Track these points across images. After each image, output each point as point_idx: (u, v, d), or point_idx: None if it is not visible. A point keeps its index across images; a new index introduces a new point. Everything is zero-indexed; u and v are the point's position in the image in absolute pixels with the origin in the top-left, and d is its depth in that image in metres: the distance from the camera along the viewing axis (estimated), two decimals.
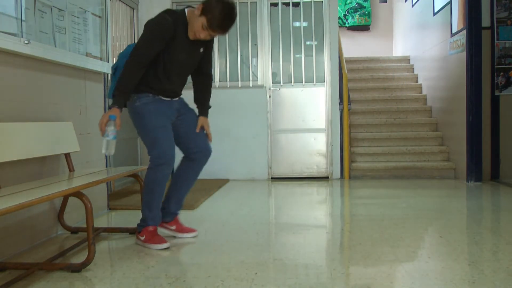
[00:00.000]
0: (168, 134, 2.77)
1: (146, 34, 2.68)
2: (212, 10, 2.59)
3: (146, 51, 2.64)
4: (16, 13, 2.65)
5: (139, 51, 2.65)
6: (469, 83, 5.14)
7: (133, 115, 2.78)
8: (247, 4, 5.85)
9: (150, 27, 2.68)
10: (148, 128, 2.73)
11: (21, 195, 2.16)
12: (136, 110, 2.74)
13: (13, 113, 2.68)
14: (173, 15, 2.69)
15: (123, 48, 2.98)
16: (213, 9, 2.59)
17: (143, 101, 2.73)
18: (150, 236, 2.78)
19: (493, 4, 5.27)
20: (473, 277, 2.18)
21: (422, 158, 5.96)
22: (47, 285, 2.17)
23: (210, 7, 2.60)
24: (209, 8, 2.60)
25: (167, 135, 2.76)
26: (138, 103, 2.73)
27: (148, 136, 2.74)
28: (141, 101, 2.73)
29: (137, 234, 2.85)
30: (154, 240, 2.77)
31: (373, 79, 7.48)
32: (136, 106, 2.73)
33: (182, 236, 2.98)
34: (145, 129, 2.75)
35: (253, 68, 5.88)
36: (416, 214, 3.63)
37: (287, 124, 5.82)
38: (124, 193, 4.77)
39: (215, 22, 2.61)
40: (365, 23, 9.93)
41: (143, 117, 2.73)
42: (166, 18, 2.66)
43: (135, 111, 2.75)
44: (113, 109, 2.57)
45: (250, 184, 5.51)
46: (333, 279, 2.19)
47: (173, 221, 2.99)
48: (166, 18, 2.66)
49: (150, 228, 2.80)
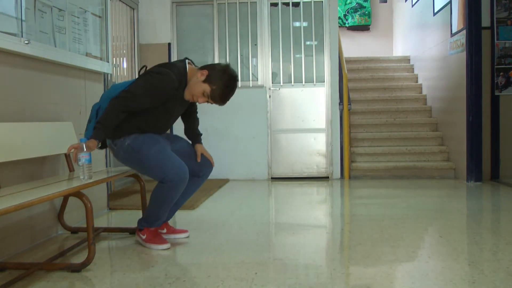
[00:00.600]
0: (171, 154, 2.67)
1: (147, 87, 2.58)
2: (217, 81, 2.60)
3: (140, 103, 2.58)
4: (16, 13, 2.65)
5: (134, 99, 2.56)
6: (469, 83, 5.14)
7: (128, 155, 2.68)
8: (247, 4, 5.85)
9: (155, 83, 2.58)
10: (150, 157, 2.62)
11: (21, 195, 2.16)
12: (129, 149, 2.65)
13: (13, 113, 2.68)
14: (178, 75, 2.63)
15: (123, 48, 2.98)
16: (218, 81, 2.60)
17: (132, 137, 2.66)
18: (152, 236, 2.78)
19: (493, 4, 5.27)
20: (473, 277, 2.18)
21: (422, 158, 5.95)
22: (47, 285, 2.17)
23: (216, 78, 2.61)
24: (214, 79, 2.61)
25: (171, 154, 2.66)
26: (128, 141, 2.66)
27: (152, 165, 2.61)
28: (131, 138, 2.66)
29: (137, 231, 2.84)
30: (155, 240, 2.77)
31: (373, 79, 7.48)
32: (128, 145, 2.65)
33: (175, 237, 2.97)
34: (147, 160, 2.63)
35: (253, 68, 5.88)
36: (416, 214, 3.63)
37: (287, 124, 5.82)
38: (124, 193, 4.77)
39: (218, 95, 2.63)
40: (365, 23, 9.93)
41: (140, 149, 2.63)
42: (173, 80, 2.59)
43: (128, 149, 2.66)
44: (91, 140, 2.48)
45: (250, 184, 5.51)
46: (333, 279, 2.19)
47: (163, 225, 2.97)
48: (173, 79, 2.59)
49: (151, 228, 2.80)
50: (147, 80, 2.60)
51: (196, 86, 2.64)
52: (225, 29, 5.87)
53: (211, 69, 2.65)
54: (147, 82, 2.59)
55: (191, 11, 5.93)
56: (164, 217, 2.82)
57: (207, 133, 5.85)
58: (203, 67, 2.70)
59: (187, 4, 5.90)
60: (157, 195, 2.69)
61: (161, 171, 2.60)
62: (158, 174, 2.62)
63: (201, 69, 2.69)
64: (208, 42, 5.90)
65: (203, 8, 5.91)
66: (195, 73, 2.67)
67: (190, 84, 2.67)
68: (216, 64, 2.72)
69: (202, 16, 5.92)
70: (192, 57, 2.87)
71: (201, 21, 5.92)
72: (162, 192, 2.66)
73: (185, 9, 5.92)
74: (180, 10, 5.92)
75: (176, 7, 5.90)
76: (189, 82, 2.68)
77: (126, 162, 2.75)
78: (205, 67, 2.69)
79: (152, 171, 2.64)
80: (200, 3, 5.89)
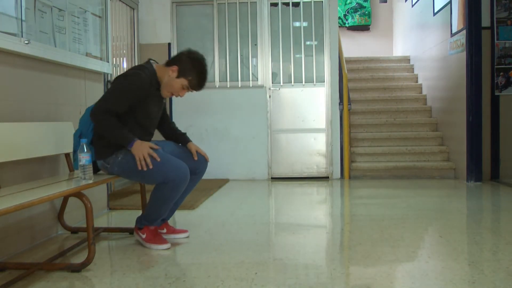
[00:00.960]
0: (168, 156, 2.66)
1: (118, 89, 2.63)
2: (191, 72, 2.70)
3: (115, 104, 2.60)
4: (16, 13, 2.65)
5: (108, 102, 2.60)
6: (469, 83, 5.14)
7: (123, 169, 2.67)
8: (247, 4, 5.85)
9: (125, 83, 2.64)
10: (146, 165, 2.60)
11: (21, 195, 2.16)
12: (123, 162, 2.65)
13: (13, 113, 2.68)
14: (148, 74, 2.68)
15: (123, 48, 3.01)
16: (191, 72, 2.70)
17: (123, 151, 2.65)
18: (152, 236, 2.78)
19: (493, 4, 5.27)
20: (473, 277, 2.18)
21: (422, 158, 5.95)
22: (47, 285, 2.17)
23: (188, 70, 2.69)
24: (187, 71, 2.69)
25: (167, 156, 2.65)
26: (120, 155, 2.66)
27: (152, 171, 2.58)
28: (122, 152, 2.66)
29: (136, 230, 2.84)
30: (155, 240, 2.76)
31: (373, 79, 7.48)
32: (122, 158, 2.66)
33: (175, 237, 2.97)
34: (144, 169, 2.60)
35: (253, 68, 5.88)
36: (416, 214, 3.63)
37: (287, 124, 5.82)
38: (124, 193, 4.77)
39: (196, 83, 2.74)
40: (365, 23, 9.93)
41: (134, 159, 2.59)
42: (143, 78, 2.64)
43: (122, 163, 2.66)
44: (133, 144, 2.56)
45: (250, 184, 5.51)
46: (333, 279, 2.19)
47: (163, 224, 2.96)
48: (143, 77, 2.64)
49: (151, 227, 2.79)
50: (118, 83, 2.67)
51: (173, 83, 2.71)
52: (225, 29, 5.87)
53: (179, 63, 2.71)
54: (117, 85, 2.66)
55: (191, 11, 5.93)
56: (164, 214, 2.82)
57: (207, 133, 5.86)
58: (169, 62, 2.75)
59: (187, 4, 5.90)
60: (158, 195, 2.68)
61: (161, 175, 2.60)
62: (159, 178, 2.61)
63: (168, 65, 2.74)
64: (208, 42, 5.90)
65: (203, 8, 5.91)
66: (165, 70, 2.73)
67: (164, 82, 2.73)
68: (180, 55, 2.76)
69: (202, 16, 5.92)
70: None
71: (201, 21, 5.93)
72: (163, 192, 2.66)
73: (185, 9, 5.92)
74: (180, 10, 5.92)
75: (176, 7, 5.90)
76: (162, 81, 2.73)
77: (123, 175, 2.75)
78: (172, 62, 2.74)
79: (153, 177, 2.63)
80: (200, 3, 5.89)
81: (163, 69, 2.75)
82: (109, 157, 2.69)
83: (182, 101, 5.79)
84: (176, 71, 2.69)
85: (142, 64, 2.79)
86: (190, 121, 5.82)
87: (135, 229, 2.86)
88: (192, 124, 5.82)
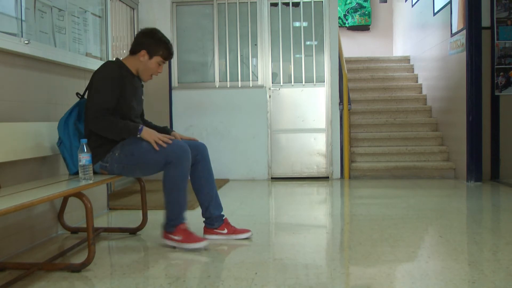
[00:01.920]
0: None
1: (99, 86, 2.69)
2: (158, 47, 2.80)
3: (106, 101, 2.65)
4: (16, 13, 2.65)
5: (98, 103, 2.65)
6: (469, 83, 5.14)
7: (123, 164, 2.68)
8: (247, 4, 5.85)
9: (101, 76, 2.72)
10: (145, 152, 2.62)
11: (21, 195, 2.16)
12: (121, 157, 2.67)
13: (13, 113, 2.68)
14: (115, 65, 2.79)
15: (123, 48, 3.03)
16: (158, 47, 2.80)
17: (119, 146, 2.68)
18: (187, 235, 2.68)
19: (493, 4, 5.27)
20: (473, 277, 2.18)
21: (422, 158, 5.95)
22: (47, 285, 2.17)
23: (155, 46, 2.80)
24: (155, 48, 2.80)
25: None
26: (117, 152, 2.68)
27: (149, 158, 2.62)
28: (117, 148, 2.68)
29: (167, 235, 2.73)
30: (191, 239, 2.68)
31: (373, 79, 7.48)
32: (119, 154, 2.67)
33: (237, 237, 2.89)
34: (143, 157, 2.63)
35: (253, 68, 5.89)
36: (416, 214, 3.63)
37: (287, 124, 5.82)
38: (124, 193, 4.77)
39: (168, 53, 2.84)
40: (365, 23, 9.93)
41: (132, 152, 2.64)
42: (113, 67, 2.75)
43: (120, 159, 2.67)
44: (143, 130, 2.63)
45: (250, 184, 5.51)
46: (333, 279, 2.19)
47: (223, 224, 2.91)
48: (112, 66, 2.76)
49: (183, 226, 2.70)
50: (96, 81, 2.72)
51: (149, 64, 2.81)
52: (225, 29, 5.87)
53: (143, 46, 2.78)
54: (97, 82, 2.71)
55: (191, 11, 5.93)
56: (185, 205, 2.72)
57: (207, 133, 5.86)
58: (133, 51, 2.82)
59: (187, 4, 5.90)
60: (168, 182, 2.65)
61: (160, 157, 2.60)
62: (159, 162, 2.62)
63: (133, 54, 2.81)
64: (208, 42, 5.90)
65: (203, 8, 5.91)
66: (134, 59, 2.82)
67: (141, 69, 2.83)
68: (138, 39, 2.83)
69: (202, 16, 5.92)
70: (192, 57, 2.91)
71: (201, 21, 5.93)
72: (170, 175, 2.62)
73: (185, 9, 5.92)
74: (180, 10, 5.92)
75: (176, 7, 5.90)
76: (137, 70, 2.83)
77: (124, 172, 2.74)
78: (136, 48, 2.80)
79: (152, 163, 2.64)
80: (200, 3, 5.89)
81: (131, 58, 2.83)
82: (106, 156, 2.69)
83: (182, 102, 5.79)
84: (146, 53, 2.78)
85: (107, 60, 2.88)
86: (190, 121, 5.82)
87: (164, 236, 2.75)
88: (192, 124, 5.82)
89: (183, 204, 2.70)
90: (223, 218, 2.93)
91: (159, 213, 3.80)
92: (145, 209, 3.17)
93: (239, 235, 2.91)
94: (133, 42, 2.84)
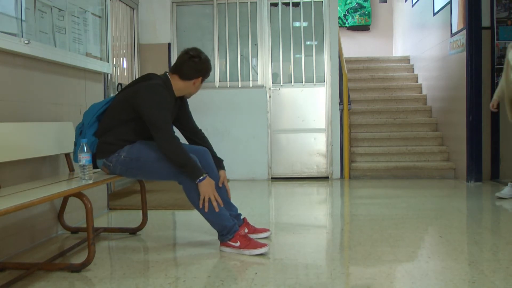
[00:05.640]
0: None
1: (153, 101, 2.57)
2: (204, 72, 2.74)
3: (168, 122, 2.58)
4: (16, 13, 2.65)
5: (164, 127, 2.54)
6: (469, 83, 5.14)
7: (127, 167, 2.65)
8: (247, 4, 5.85)
9: (155, 93, 2.59)
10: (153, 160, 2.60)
11: (21, 195, 2.16)
12: (126, 160, 2.64)
13: (13, 113, 2.68)
14: (163, 82, 2.68)
15: (123, 48, 3.01)
16: (204, 72, 2.74)
17: (126, 149, 2.65)
18: (246, 241, 2.61)
19: (493, 4, 5.27)
20: (473, 277, 2.18)
21: (422, 158, 5.95)
22: (47, 285, 2.17)
23: (208, 71, 2.76)
24: (208, 73, 2.76)
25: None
26: (123, 154, 2.65)
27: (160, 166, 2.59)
28: (124, 150, 2.65)
29: (225, 244, 2.64)
30: (251, 244, 2.60)
31: (373, 79, 7.48)
32: (125, 157, 2.64)
33: (256, 236, 2.87)
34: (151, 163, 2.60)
35: (253, 68, 5.89)
36: (416, 214, 3.63)
37: (287, 124, 5.82)
38: (124, 193, 4.77)
39: (207, 75, 2.79)
40: (365, 23, 9.93)
41: (139, 157, 2.62)
42: (163, 87, 2.64)
43: (125, 161, 2.64)
44: (204, 180, 2.54)
45: (250, 184, 5.51)
46: (333, 279, 2.19)
47: (243, 224, 2.89)
48: (162, 86, 2.64)
49: (241, 232, 2.64)
50: (149, 97, 2.58)
51: (192, 88, 2.77)
52: (225, 29, 5.87)
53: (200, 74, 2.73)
54: (150, 97, 2.58)
55: (191, 11, 5.93)
56: (225, 212, 2.67)
57: (207, 133, 5.76)
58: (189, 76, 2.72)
59: (187, 4, 5.90)
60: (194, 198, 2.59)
61: (163, 174, 2.60)
62: (162, 175, 2.61)
63: (189, 80, 2.72)
64: (208, 42, 5.90)
65: (203, 8, 5.91)
66: (185, 84, 2.74)
67: (188, 91, 2.80)
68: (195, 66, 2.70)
69: (202, 16, 5.92)
70: None
71: (201, 21, 5.93)
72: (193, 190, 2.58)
73: (185, 9, 5.92)
74: (180, 10, 5.92)
75: (176, 7, 5.90)
76: (181, 90, 2.76)
77: (127, 174, 2.72)
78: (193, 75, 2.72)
79: (161, 172, 2.61)
80: (200, 3, 5.89)
81: (180, 82, 2.73)
82: (111, 155, 2.68)
83: None
84: (200, 81, 2.75)
85: (157, 75, 2.76)
86: None
87: (222, 245, 2.67)
88: None
89: (220, 212, 2.62)
90: (242, 218, 2.92)
91: (159, 213, 3.82)
92: (145, 209, 3.17)
93: (260, 234, 2.91)
94: (187, 67, 2.69)
